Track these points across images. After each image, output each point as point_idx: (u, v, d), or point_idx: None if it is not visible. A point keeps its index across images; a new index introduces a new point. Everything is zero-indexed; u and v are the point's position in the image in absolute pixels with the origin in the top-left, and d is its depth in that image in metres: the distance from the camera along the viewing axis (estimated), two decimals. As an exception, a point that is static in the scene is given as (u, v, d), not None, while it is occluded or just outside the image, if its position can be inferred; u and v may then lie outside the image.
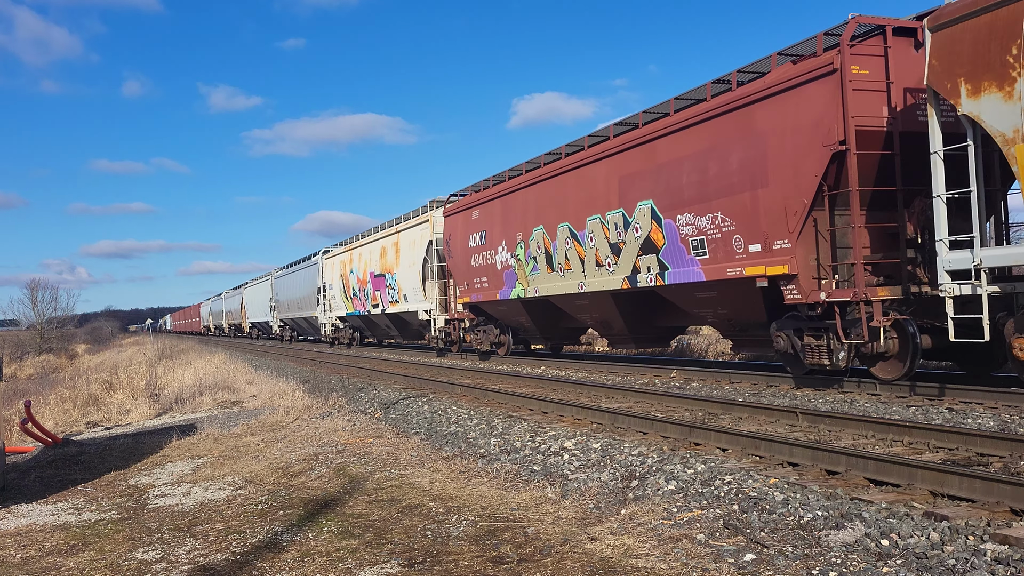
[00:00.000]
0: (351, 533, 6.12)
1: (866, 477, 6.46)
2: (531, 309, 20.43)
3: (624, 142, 15.56)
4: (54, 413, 17.10)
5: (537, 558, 5.21)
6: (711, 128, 13.30)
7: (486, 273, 21.85)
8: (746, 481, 6.47)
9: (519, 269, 19.95)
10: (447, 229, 24.68)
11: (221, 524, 6.72)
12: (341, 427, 11.59)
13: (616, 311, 16.98)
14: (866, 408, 10.18)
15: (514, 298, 20.37)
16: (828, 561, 4.73)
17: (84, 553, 6.15)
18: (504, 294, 20.83)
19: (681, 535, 5.45)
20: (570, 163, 17.50)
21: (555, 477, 7.41)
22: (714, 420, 9.98)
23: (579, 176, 17.22)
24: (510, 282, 20.55)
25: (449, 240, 24.48)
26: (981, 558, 4.51)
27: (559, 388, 14.56)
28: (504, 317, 22.39)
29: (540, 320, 20.77)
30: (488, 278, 21.78)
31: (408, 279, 27.96)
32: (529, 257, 19.36)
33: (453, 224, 24.12)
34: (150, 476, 9.21)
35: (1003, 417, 9.02)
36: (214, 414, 15.10)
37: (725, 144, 12.92)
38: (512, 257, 20.28)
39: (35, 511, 7.75)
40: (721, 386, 13.68)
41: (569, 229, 17.60)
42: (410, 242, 28.14)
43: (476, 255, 22.41)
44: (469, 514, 6.39)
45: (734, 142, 12.75)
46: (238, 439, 11.31)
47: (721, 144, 13.01)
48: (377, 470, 8.44)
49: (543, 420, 10.86)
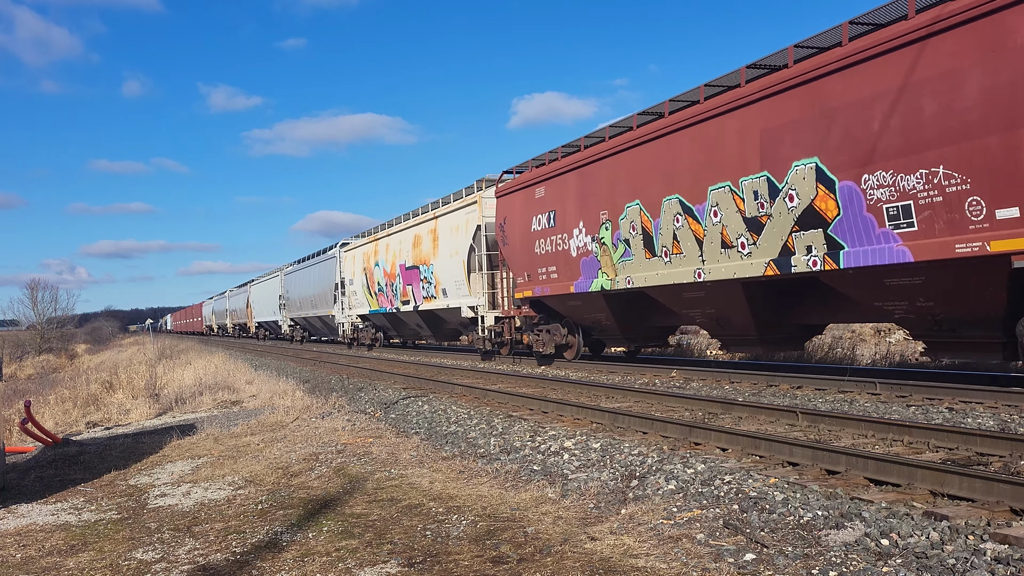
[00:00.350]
0: (351, 533, 6.12)
1: (866, 477, 6.46)
2: (615, 304, 16.99)
3: (766, 86, 12.10)
4: (54, 413, 17.09)
5: (537, 558, 5.21)
6: (925, 52, 9.88)
7: (555, 261, 18.31)
8: (746, 481, 6.47)
9: (603, 256, 16.44)
10: (501, 211, 20.87)
11: (221, 524, 6.72)
12: (341, 427, 11.59)
13: (744, 305, 13.40)
14: (866, 408, 10.18)
15: (595, 291, 16.76)
16: (828, 561, 4.73)
17: (84, 553, 6.15)
18: (582, 286, 17.24)
19: (681, 535, 5.45)
20: (679, 121, 13.92)
21: (555, 477, 7.41)
22: (714, 420, 9.98)
23: (696, 135, 13.57)
24: (589, 271, 17.01)
25: (504, 224, 20.68)
26: (981, 558, 4.51)
27: (559, 388, 14.56)
28: (575, 314, 18.75)
29: (625, 317, 17.29)
30: (558, 267, 18.26)
31: (449, 271, 24.64)
32: (618, 241, 15.82)
33: (509, 205, 20.38)
34: (150, 476, 9.21)
35: (1003, 417, 9.02)
36: (214, 414, 15.10)
37: (953, 71, 9.55)
38: (594, 241, 16.70)
39: (35, 511, 7.75)
40: (721, 386, 13.68)
41: (680, 203, 14.01)
42: (452, 228, 24.59)
43: (541, 240, 18.82)
44: (469, 514, 6.39)
45: (970, 66, 9.37)
46: (238, 439, 11.31)
47: (944, 72, 9.63)
48: (377, 470, 8.44)
49: (543, 420, 10.86)
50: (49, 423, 15.02)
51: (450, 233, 24.65)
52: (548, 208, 18.48)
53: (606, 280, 16.45)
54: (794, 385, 12.73)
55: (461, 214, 24.01)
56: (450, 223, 24.81)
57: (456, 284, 24.11)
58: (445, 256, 24.86)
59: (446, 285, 24.85)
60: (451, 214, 24.83)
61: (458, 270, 23.86)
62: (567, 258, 17.87)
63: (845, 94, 10.89)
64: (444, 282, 25.01)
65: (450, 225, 24.78)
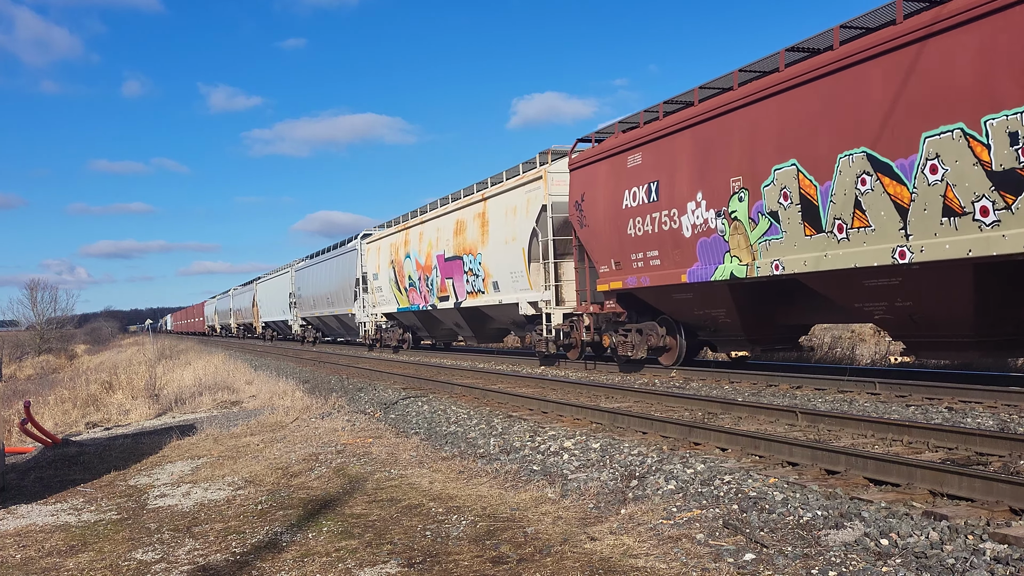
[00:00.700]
0: (351, 533, 6.12)
1: (865, 477, 6.46)
2: (743, 296, 13.53)
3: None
4: (53, 413, 17.10)
5: (537, 558, 5.21)
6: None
7: (657, 244, 14.85)
8: (745, 481, 6.48)
9: (734, 234, 12.95)
10: (577, 187, 17.37)
11: (221, 524, 6.72)
12: (341, 427, 11.59)
13: (969, 295, 9.97)
14: (865, 408, 10.19)
15: (719, 280, 13.30)
16: (827, 560, 4.73)
17: (84, 554, 6.15)
18: (699, 274, 13.79)
19: (681, 535, 5.45)
20: (864, 49, 10.57)
21: (555, 477, 7.41)
22: (714, 420, 9.98)
23: (894, 66, 10.17)
24: (710, 255, 13.55)
25: (581, 202, 17.18)
26: (980, 557, 4.52)
27: (559, 388, 14.56)
28: (681, 310, 15.24)
29: (754, 313, 13.81)
30: (662, 252, 14.79)
31: (503, 261, 21.08)
32: (759, 214, 12.34)
33: (589, 179, 16.88)
34: (150, 476, 9.21)
35: (1003, 416, 9.02)
36: (214, 414, 15.10)
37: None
38: (719, 217, 13.21)
39: (34, 512, 7.75)
40: (720, 386, 13.68)
41: (868, 158, 10.53)
42: (508, 210, 20.91)
43: (637, 220, 15.35)
44: (469, 514, 6.40)
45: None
46: (238, 439, 11.31)
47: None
48: (377, 470, 8.44)
49: (543, 420, 10.86)
50: (49, 423, 15.02)
51: (505, 216, 21.00)
52: (647, 179, 14.91)
53: (738, 266, 12.92)
54: (794, 385, 12.74)
55: (520, 193, 20.26)
56: (505, 205, 21.09)
57: (512, 276, 20.70)
58: (498, 244, 21.37)
59: (498, 277, 21.51)
60: (506, 194, 21.09)
61: (515, 260, 20.37)
62: (676, 240, 14.32)
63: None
64: (496, 274, 21.61)
65: (505, 207, 21.09)
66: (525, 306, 20.13)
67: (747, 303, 13.72)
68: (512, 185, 20.81)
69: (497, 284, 21.70)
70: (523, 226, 19.98)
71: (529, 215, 19.69)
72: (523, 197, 20.10)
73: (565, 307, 18.95)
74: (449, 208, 25.25)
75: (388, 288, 30.74)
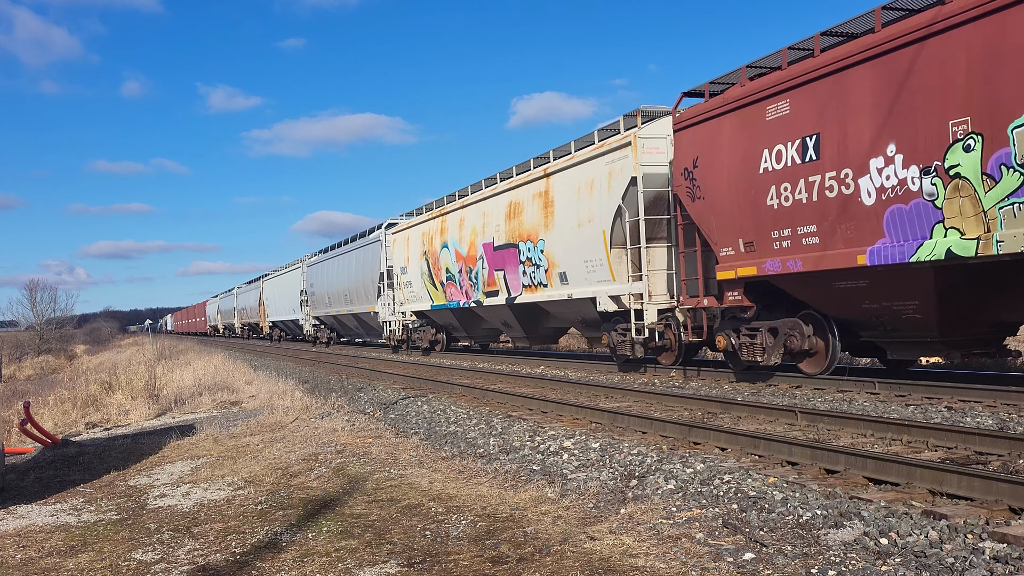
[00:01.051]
0: (350, 533, 6.12)
1: (865, 476, 6.47)
2: (951, 282, 10.38)
3: None
4: (53, 414, 17.09)
5: (536, 558, 5.21)
6: None
7: (818, 216, 11.48)
8: (745, 480, 6.48)
9: (954, 199, 9.67)
10: (686, 151, 13.91)
11: (220, 524, 6.72)
12: (340, 427, 11.59)
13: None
14: (865, 407, 10.19)
15: (923, 261, 10.02)
16: (827, 560, 4.73)
17: (83, 554, 6.15)
18: (889, 254, 10.45)
19: (680, 534, 5.45)
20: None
21: (554, 477, 7.41)
22: (713, 419, 9.99)
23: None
24: (909, 229, 10.26)
25: (693, 169, 13.72)
26: (980, 556, 4.52)
27: (558, 388, 14.56)
28: (841, 303, 11.97)
29: (956, 305, 10.67)
30: (823, 226, 11.41)
31: (574, 247, 17.71)
32: (1006, 167, 9.08)
33: (705, 139, 13.44)
34: (149, 477, 9.21)
35: (1002, 416, 9.03)
36: (213, 414, 15.10)
37: None
38: (928, 175, 9.91)
39: (34, 512, 7.75)
40: (720, 385, 13.69)
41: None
42: (581, 186, 17.38)
43: (784, 186, 11.94)
44: (468, 514, 6.40)
45: None
46: (237, 439, 11.31)
47: None
48: (376, 470, 8.44)
49: (542, 420, 10.87)
50: (48, 424, 15.01)
51: (577, 194, 17.57)
52: (800, 131, 11.66)
53: (959, 241, 9.59)
54: (793, 384, 12.74)
55: (598, 165, 16.81)
56: (577, 180, 17.63)
57: (587, 266, 17.27)
58: (568, 227, 17.91)
59: (567, 268, 18.13)
60: (579, 168, 17.58)
61: (592, 245, 16.96)
62: (849, 209, 11.02)
63: None
64: (564, 263, 18.23)
65: (577, 183, 17.60)
66: (604, 301, 16.63)
67: (954, 292, 10.47)
68: (587, 156, 17.22)
69: (565, 276, 18.26)
70: (604, 204, 16.48)
71: (612, 190, 16.18)
72: (603, 169, 16.60)
73: (659, 301, 15.63)
74: (500, 188, 21.47)
75: (420, 283, 27.42)
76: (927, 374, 12.91)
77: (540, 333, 22.45)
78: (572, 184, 17.88)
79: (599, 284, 16.99)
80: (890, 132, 10.47)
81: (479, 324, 25.29)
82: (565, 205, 18.16)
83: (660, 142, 15.57)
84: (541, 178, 19.35)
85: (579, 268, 17.68)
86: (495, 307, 22.37)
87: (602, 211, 16.58)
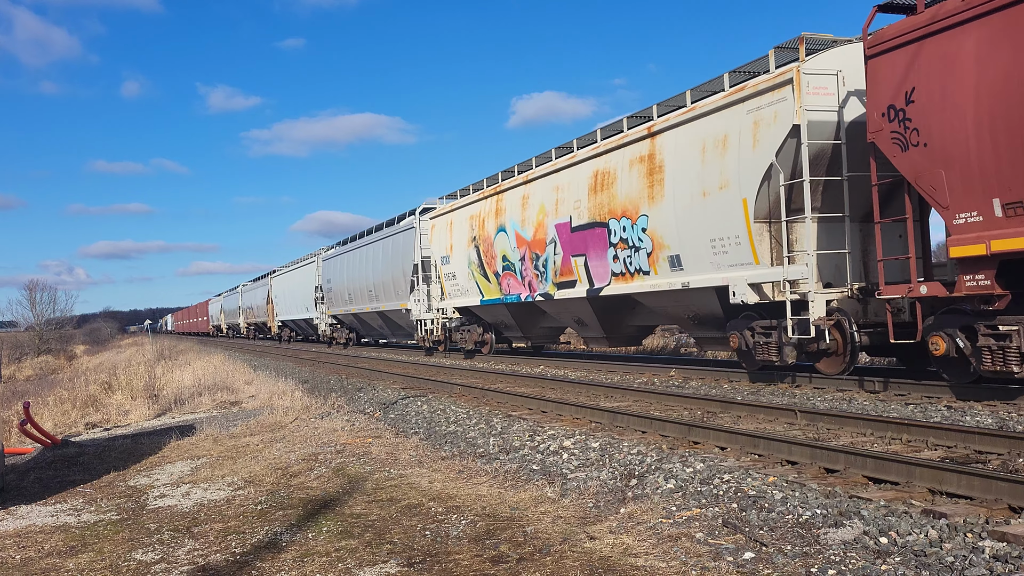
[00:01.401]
0: (350, 533, 6.12)
1: (865, 475, 6.48)
2: None
3: None
4: (53, 414, 17.08)
5: (536, 557, 5.21)
6: None
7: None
8: (745, 479, 6.49)
9: None
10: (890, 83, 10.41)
11: (220, 525, 6.72)
12: (340, 427, 11.59)
13: None
14: (864, 406, 10.19)
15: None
16: (827, 559, 4.73)
17: (83, 554, 6.16)
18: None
19: (680, 534, 5.45)
20: None
21: (554, 476, 7.41)
22: (713, 419, 9.99)
23: None
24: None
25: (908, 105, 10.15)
26: (979, 555, 4.52)
27: (558, 387, 14.56)
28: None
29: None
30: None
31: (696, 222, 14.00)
32: None
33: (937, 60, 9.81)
34: (149, 477, 9.21)
35: (1001, 415, 9.03)
36: (213, 415, 15.10)
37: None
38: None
39: (34, 512, 7.75)
40: (720, 385, 13.68)
41: None
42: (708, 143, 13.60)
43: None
44: (468, 514, 6.40)
45: None
46: (237, 439, 11.31)
47: None
48: (376, 470, 8.44)
49: (542, 419, 10.87)
50: (48, 424, 15.01)
51: (702, 154, 13.79)
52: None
53: None
54: (793, 384, 12.74)
55: (736, 114, 13.06)
56: (701, 136, 13.84)
57: (716, 245, 13.61)
58: (685, 197, 14.23)
59: (681, 249, 14.50)
60: (703, 121, 13.85)
61: (725, 218, 13.30)
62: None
63: None
64: (677, 243, 14.61)
65: (701, 140, 13.83)
66: (742, 290, 13.00)
67: None
68: (716, 105, 13.51)
69: (677, 260, 14.64)
70: (745, 165, 12.83)
71: (760, 146, 12.51)
72: (743, 120, 12.90)
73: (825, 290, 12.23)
74: (580, 156, 17.69)
75: (466, 274, 23.75)
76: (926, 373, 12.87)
77: (623, 332, 18.67)
78: (693, 142, 14.05)
79: (733, 269, 13.35)
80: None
81: (540, 322, 22.03)
82: (681, 170, 14.36)
83: (828, 80, 12.03)
84: (643, 139, 15.41)
85: (700, 249, 14.03)
86: (569, 301, 18.52)
87: (742, 174, 12.88)
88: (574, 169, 18.00)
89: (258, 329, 62.14)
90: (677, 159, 14.54)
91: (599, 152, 17.02)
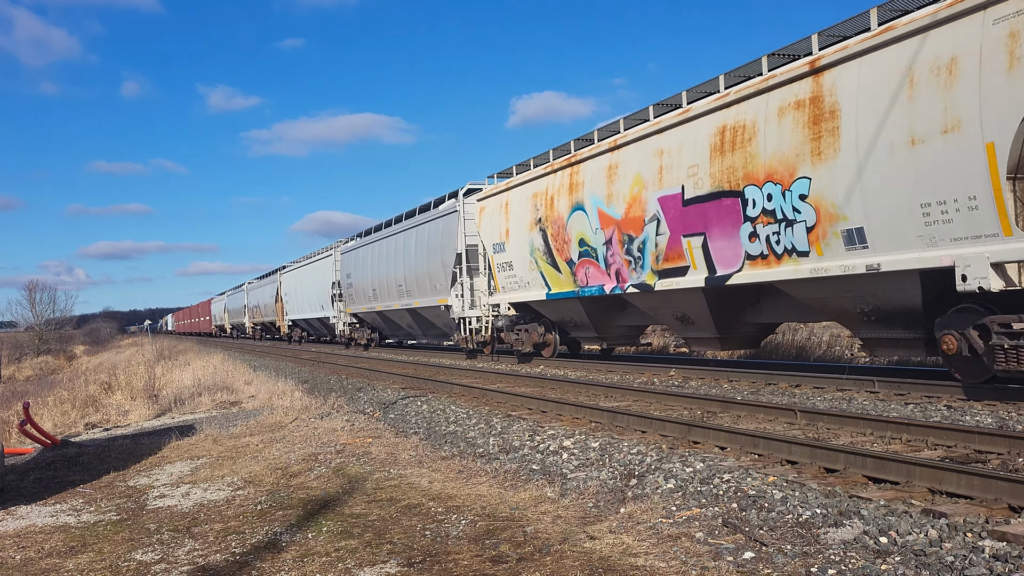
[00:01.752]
0: (350, 533, 6.12)
1: (864, 475, 6.48)
2: None
3: None
4: (53, 414, 17.08)
5: (536, 557, 5.21)
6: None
7: None
8: (745, 479, 6.49)
9: None
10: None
11: (220, 525, 6.72)
12: (340, 427, 11.59)
13: None
14: (864, 406, 10.19)
15: None
16: (827, 559, 4.73)
17: (83, 554, 6.15)
18: None
19: (680, 533, 5.45)
20: None
21: (554, 476, 7.41)
22: (713, 419, 9.99)
23: None
24: None
25: None
26: (979, 555, 4.52)
27: (558, 387, 14.56)
28: None
29: None
30: None
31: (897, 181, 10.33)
32: None
33: None
34: (149, 477, 9.21)
35: (1001, 414, 9.03)
36: (213, 415, 15.09)
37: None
38: None
39: (34, 512, 7.75)
40: (720, 384, 13.68)
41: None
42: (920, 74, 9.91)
43: None
44: (468, 513, 6.40)
45: None
46: (237, 440, 11.31)
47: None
48: (376, 470, 8.44)
49: (542, 419, 10.87)
50: (48, 424, 15.01)
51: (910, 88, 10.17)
52: None
53: None
54: (792, 384, 12.74)
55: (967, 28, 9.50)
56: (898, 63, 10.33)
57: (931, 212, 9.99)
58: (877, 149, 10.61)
59: (866, 219, 10.89)
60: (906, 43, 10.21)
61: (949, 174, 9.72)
62: None
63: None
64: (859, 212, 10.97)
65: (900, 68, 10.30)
66: (982, 272, 9.40)
67: None
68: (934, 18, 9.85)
69: (859, 234, 11.04)
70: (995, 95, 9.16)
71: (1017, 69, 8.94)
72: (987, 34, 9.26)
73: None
74: (696, 110, 13.99)
75: (527, 264, 19.91)
76: (926, 373, 12.89)
77: (741, 331, 14.82)
78: (891, 73, 10.42)
79: (961, 244, 9.72)
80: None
81: (619, 319, 18.01)
82: (870, 112, 10.73)
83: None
84: (803, 77, 11.77)
85: (901, 219, 10.46)
86: (675, 293, 14.81)
87: (987, 109, 9.27)
88: (687, 127, 14.23)
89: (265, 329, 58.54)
90: (863, 99, 10.87)
91: (727, 102, 13.26)
